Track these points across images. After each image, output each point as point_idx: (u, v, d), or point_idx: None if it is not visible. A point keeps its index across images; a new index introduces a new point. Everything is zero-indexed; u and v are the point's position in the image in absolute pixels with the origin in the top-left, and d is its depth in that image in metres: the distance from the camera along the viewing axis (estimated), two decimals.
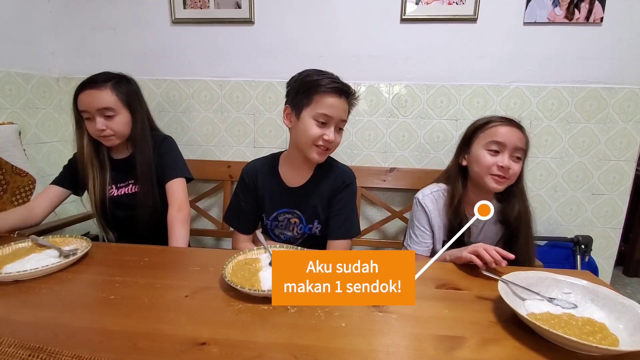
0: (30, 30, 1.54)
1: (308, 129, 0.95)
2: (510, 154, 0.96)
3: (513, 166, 0.96)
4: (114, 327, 0.57)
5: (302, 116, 0.95)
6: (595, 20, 1.41)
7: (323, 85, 0.93)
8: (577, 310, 0.62)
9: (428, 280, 0.76)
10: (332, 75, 0.96)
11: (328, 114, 0.94)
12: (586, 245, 1.49)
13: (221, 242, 1.78)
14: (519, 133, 0.97)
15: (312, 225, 1.07)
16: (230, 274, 0.71)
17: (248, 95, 1.61)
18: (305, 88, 0.95)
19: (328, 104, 0.93)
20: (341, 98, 0.95)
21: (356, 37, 1.51)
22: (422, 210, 1.06)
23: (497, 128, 0.98)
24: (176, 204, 1.09)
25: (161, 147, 1.16)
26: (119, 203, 1.14)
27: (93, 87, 1.03)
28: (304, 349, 0.52)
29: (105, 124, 1.05)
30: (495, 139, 0.97)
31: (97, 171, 1.12)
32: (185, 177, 1.16)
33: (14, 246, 0.83)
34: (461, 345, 0.54)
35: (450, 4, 1.44)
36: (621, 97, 1.45)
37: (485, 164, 0.97)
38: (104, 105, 1.04)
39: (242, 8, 1.52)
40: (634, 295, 2.00)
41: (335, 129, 0.96)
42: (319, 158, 0.99)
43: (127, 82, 1.11)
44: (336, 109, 0.94)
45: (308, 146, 0.97)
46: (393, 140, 1.58)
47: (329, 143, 0.96)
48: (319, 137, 0.95)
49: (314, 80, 0.94)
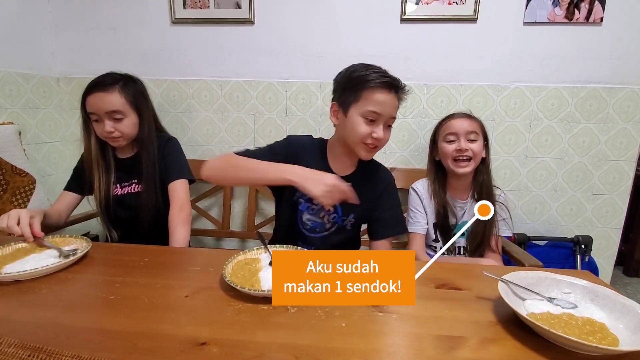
0: (30, 30, 1.54)
1: (356, 126, 0.91)
2: (465, 138, 1.14)
3: (470, 146, 1.13)
4: (114, 327, 0.57)
5: (350, 113, 0.92)
6: (595, 20, 1.41)
7: (371, 81, 0.89)
8: (577, 310, 0.62)
9: (428, 280, 0.76)
10: (380, 69, 0.92)
11: (377, 111, 0.90)
12: (586, 245, 1.49)
13: (221, 242, 1.78)
14: (468, 121, 1.16)
15: (347, 218, 1.04)
16: (230, 274, 0.71)
17: (248, 95, 1.61)
18: (353, 84, 0.91)
19: (377, 101, 0.89)
20: (390, 93, 0.90)
21: (356, 37, 1.51)
22: (415, 194, 1.24)
23: (450, 122, 1.18)
24: (178, 204, 1.10)
25: (165, 147, 1.18)
26: (122, 202, 1.16)
27: (102, 90, 1.05)
28: (304, 349, 0.52)
29: (114, 126, 1.06)
30: (450, 131, 1.16)
31: (103, 171, 1.13)
32: (188, 179, 1.17)
33: (14, 246, 0.83)
34: (461, 345, 0.54)
35: (450, 4, 1.44)
36: (621, 97, 1.45)
37: (446, 152, 1.16)
38: (112, 109, 1.05)
39: (242, 8, 1.52)
40: (634, 295, 2.00)
41: (384, 126, 0.93)
42: (367, 155, 0.97)
43: (133, 82, 1.13)
44: (385, 106, 0.90)
45: (356, 144, 0.94)
46: (393, 140, 1.58)
47: (378, 141, 0.93)
48: (368, 135, 0.92)
49: (362, 75, 0.90)
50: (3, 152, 1.35)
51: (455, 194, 1.22)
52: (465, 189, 1.22)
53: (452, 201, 1.21)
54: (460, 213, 1.21)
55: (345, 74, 0.95)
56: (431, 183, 1.22)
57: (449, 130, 1.16)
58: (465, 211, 1.21)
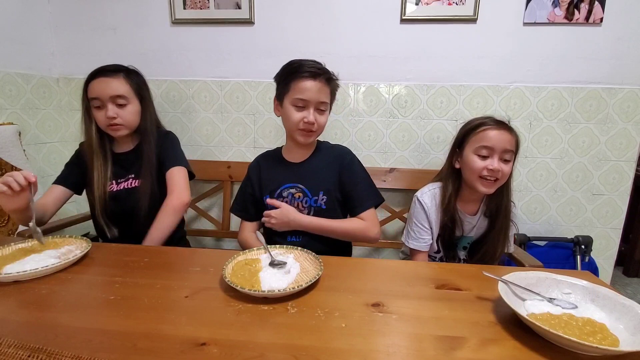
0: (30, 30, 1.54)
1: (290, 114, 1.01)
2: (500, 157, 0.98)
3: (503, 168, 0.98)
4: (114, 328, 0.57)
5: (284, 104, 1.02)
6: (595, 21, 1.41)
7: (298, 72, 0.99)
8: (577, 311, 0.62)
9: (428, 280, 0.76)
10: (308, 62, 1.00)
11: (303, 98, 0.99)
12: (586, 245, 1.49)
13: (221, 242, 1.78)
14: (507, 135, 0.99)
15: (317, 197, 1.08)
16: (230, 275, 0.71)
17: (248, 96, 1.61)
18: (284, 77, 1.02)
19: (303, 88, 0.98)
20: (316, 80, 0.99)
21: (356, 37, 1.51)
22: (420, 208, 1.09)
23: (487, 132, 0.99)
24: (176, 190, 1.09)
25: (165, 141, 1.17)
26: (118, 198, 1.13)
27: (106, 75, 1.05)
28: (304, 349, 0.52)
29: (117, 112, 1.06)
30: (484, 144, 0.99)
31: (102, 164, 1.11)
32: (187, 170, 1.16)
33: (14, 246, 0.83)
34: (461, 345, 0.54)
35: (450, 5, 1.44)
36: (621, 98, 1.45)
37: (475, 168, 1.00)
38: (117, 93, 1.05)
39: (242, 8, 1.52)
40: (634, 296, 2.00)
41: (315, 111, 1.01)
42: (305, 140, 1.05)
43: (136, 74, 1.14)
44: (311, 92, 0.99)
45: (293, 131, 1.03)
46: (393, 140, 1.58)
47: (311, 125, 1.01)
48: (300, 121, 1.00)
49: (291, 68, 1.01)
50: (3, 152, 1.35)
51: (465, 207, 1.09)
52: (475, 203, 1.10)
53: (462, 215, 1.08)
54: (468, 227, 1.10)
55: (281, 70, 1.05)
56: (444, 194, 1.07)
57: (485, 142, 0.98)
58: (474, 227, 1.10)
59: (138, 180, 1.13)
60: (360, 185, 1.09)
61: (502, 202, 1.05)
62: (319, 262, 0.76)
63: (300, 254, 0.82)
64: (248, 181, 1.15)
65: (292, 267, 0.75)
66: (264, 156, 1.18)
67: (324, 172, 1.09)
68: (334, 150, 1.15)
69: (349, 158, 1.11)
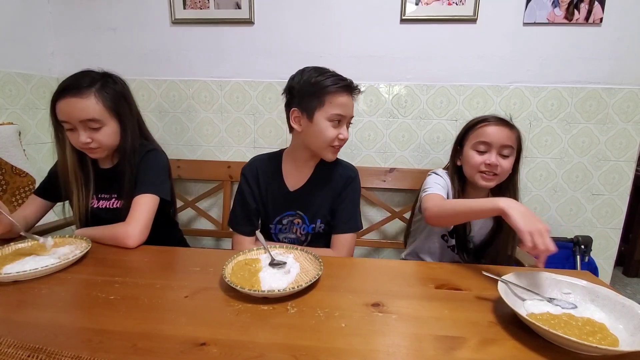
0: (30, 30, 1.54)
1: (324, 130, 0.95)
2: (498, 151, 0.99)
3: (501, 163, 0.99)
4: (114, 328, 0.57)
5: (316, 118, 0.94)
6: (594, 21, 1.41)
7: (332, 85, 0.93)
8: (577, 311, 0.62)
9: (428, 280, 0.76)
10: (335, 73, 0.97)
11: (342, 113, 0.95)
12: (586, 245, 1.49)
13: (221, 242, 1.78)
14: (506, 131, 1.00)
15: (315, 225, 1.06)
16: (230, 275, 0.71)
17: (248, 96, 1.61)
18: (314, 90, 0.94)
19: (340, 103, 0.94)
20: (349, 95, 0.97)
21: (356, 37, 1.51)
22: (436, 175, 1.09)
23: (485, 128, 1.01)
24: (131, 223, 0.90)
25: (141, 162, 1.00)
26: (98, 217, 1.01)
27: (75, 95, 0.89)
28: (304, 349, 0.52)
29: (90, 136, 0.92)
30: (482, 139, 1.00)
31: (82, 184, 1.00)
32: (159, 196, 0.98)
33: (14, 246, 0.84)
34: (461, 345, 0.54)
35: (450, 5, 1.44)
36: (621, 98, 1.45)
37: (474, 163, 1.01)
38: (88, 117, 0.90)
39: (242, 8, 1.52)
40: (634, 296, 2.00)
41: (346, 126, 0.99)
42: (333, 157, 1.01)
43: (113, 83, 0.97)
44: (347, 107, 0.96)
45: (324, 148, 0.98)
46: (393, 140, 1.58)
47: (344, 141, 0.99)
48: (335, 137, 0.96)
49: (321, 81, 0.94)
50: (3, 152, 1.35)
51: None
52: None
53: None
54: (476, 226, 1.10)
55: (302, 79, 0.96)
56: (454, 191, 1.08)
57: (482, 138, 1.00)
58: (481, 226, 1.10)
59: (120, 202, 1.01)
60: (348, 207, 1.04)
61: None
62: (319, 262, 0.76)
63: (300, 254, 0.82)
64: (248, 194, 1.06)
65: (292, 267, 0.75)
66: (264, 169, 1.07)
67: (321, 197, 1.05)
68: (338, 168, 1.07)
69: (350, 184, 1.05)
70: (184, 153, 1.69)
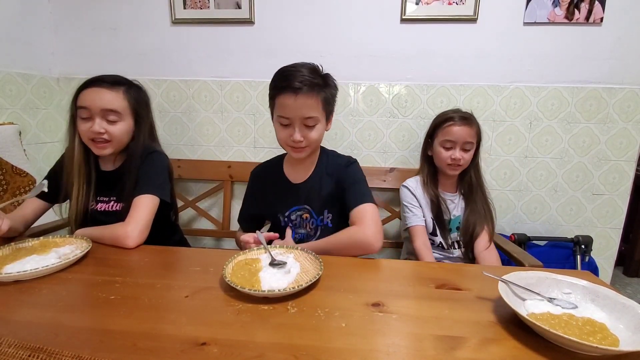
0: (30, 30, 1.54)
1: (277, 132, 0.97)
2: (461, 147, 1.19)
3: (464, 156, 1.20)
4: (114, 327, 0.57)
5: (274, 119, 0.97)
6: (595, 20, 1.41)
7: (277, 87, 0.91)
8: (577, 311, 0.62)
9: (428, 280, 0.76)
10: (292, 73, 0.90)
11: (284, 115, 0.92)
12: (586, 245, 1.49)
13: (221, 242, 1.78)
14: (467, 129, 1.19)
15: (323, 216, 1.06)
16: (230, 274, 0.71)
17: (248, 96, 1.61)
18: (270, 91, 0.96)
19: (283, 105, 0.91)
20: (298, 95, 0.88)
21: (356, 37, 1.51)
22: (407, 190, 1.28)
23: (451, 128, 1.20)
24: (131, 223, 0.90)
25: (144, 162, 1.01)
26: (95, 218, 1.01)
27: (103, 86, 0.95)
28: (304, 349, 0.52)
29: (105, 127, 0.95)
30: (448, 138, 1.20)
31: (84, 179, 1.00)
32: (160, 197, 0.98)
33: (14, 246, 0.83)
34: (461, 345, 0.54)
35: (450, 4, 1.44)
36: (621, 97, 1.45)
37: (442, 158, 1.22)
38: (110, 107, 0.95)
39: (242, 8, 1.52)
40: (634, 296, 2.00)
41: (302, 126, 0.92)
42: (297, 155, 0.98)
43: (139, 89, 1.05)
44: (291, 108, 0.90)
45: (284, 147, 0.99)
46: (393, 140, 1.58)
47: (298, 142, 0.93)
48: (287, 138, 0.94)
49: (272, 81, 0.95)
50: (3, 152, 1.35)
51: (445, 188, 1.29)
52: (452, 184, 1.30)
53: (443, 194, 1.27)
54: (452, 207, 1.27)
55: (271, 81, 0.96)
56: (424, 177, 1.28)
57: (448, 136, 1.20)
58: (456, 205, 1.28)
59: (120, 205, 1.01)
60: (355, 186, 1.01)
61: (471, 180, 1.26)
62: (319, 261, 0.76)
63: (300, 254, 0.82)
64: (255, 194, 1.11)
65: (292, 267, 0.75)
66: (268, 169, 1.11)
67: (325, 188, 1.04)
68: (336, 159, 1.08)
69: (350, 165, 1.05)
70: (184, 153, 1.69)
